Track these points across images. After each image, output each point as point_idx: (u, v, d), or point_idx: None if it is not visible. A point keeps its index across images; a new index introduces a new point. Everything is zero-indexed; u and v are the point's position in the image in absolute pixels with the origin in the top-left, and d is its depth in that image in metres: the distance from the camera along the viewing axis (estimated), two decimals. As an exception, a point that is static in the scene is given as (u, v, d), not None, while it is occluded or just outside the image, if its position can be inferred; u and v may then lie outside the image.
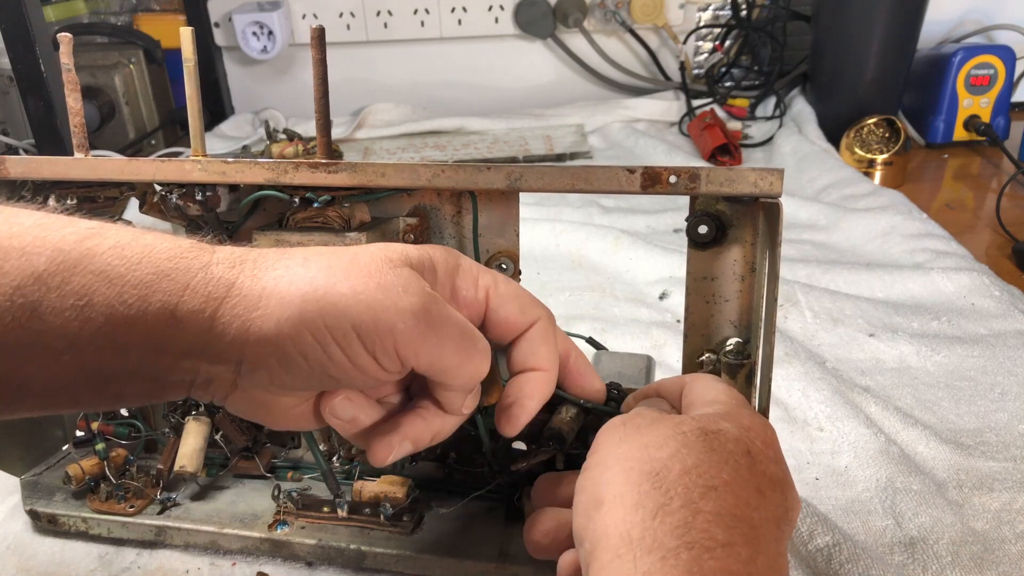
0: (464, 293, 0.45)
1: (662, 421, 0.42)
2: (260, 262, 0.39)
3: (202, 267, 0.38)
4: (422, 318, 0.39)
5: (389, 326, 0.38)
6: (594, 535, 0.38)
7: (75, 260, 0.36)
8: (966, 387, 0.77)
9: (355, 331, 0.38)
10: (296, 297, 0.38)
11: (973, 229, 1.17)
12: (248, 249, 0.40)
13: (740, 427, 0.41)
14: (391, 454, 0.44)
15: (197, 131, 0.53)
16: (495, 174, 0.49)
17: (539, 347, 0.47)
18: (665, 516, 0.36)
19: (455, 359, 0.41)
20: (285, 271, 0.39)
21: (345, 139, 1.67)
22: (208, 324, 0.37)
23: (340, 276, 0.39)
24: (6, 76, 1.44)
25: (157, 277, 0.37)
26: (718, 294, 0.53)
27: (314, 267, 0.39)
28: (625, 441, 0.41)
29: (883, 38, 1.44)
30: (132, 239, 0.38)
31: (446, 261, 0.44)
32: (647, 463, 0.38)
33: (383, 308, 0.38)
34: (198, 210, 0.53)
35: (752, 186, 0.46)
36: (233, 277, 0.38)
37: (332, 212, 0.51)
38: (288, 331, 0.38)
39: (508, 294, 0.46)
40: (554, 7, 1.77)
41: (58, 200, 0.56)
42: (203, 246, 0.40)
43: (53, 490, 0.63)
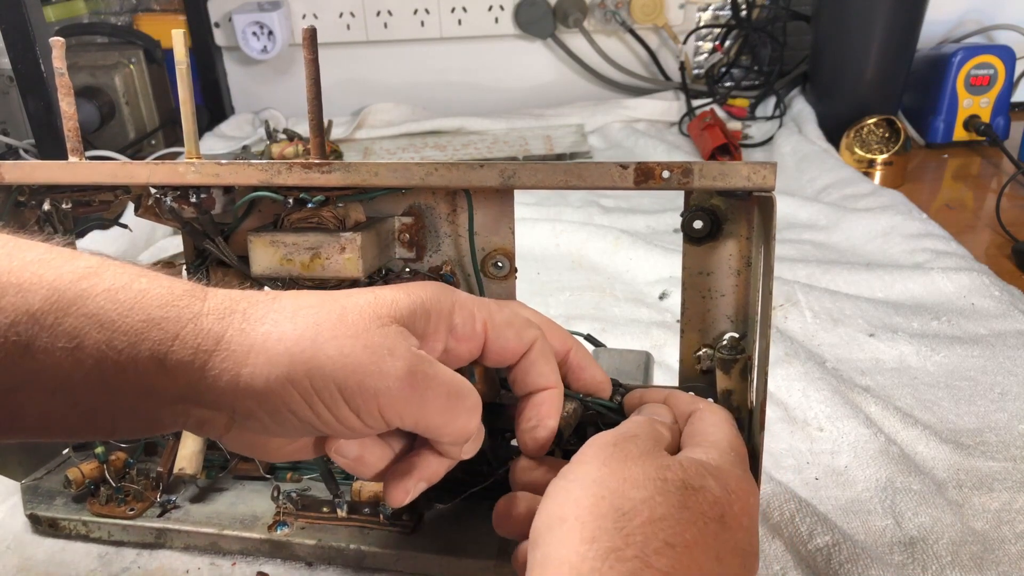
0: (461, 330, 0.45)
1: (650, 458, 0.41)
2: (250, 313, 0.40)
3: (192, 317, 0.38)
4: (407, 382, 0.40)
5: (374, 390, 0.39)
6: (547, 550, 0.38)
7: (69, 301, 0.37)
8: (966, 387, 0.77)
9: (340, 393, 0.39)
10: (283, 356, 0.38)
11: (973, 229, 1.17)
12: (240, 296, 0.41)
13: (724, 489, 0.41)
14: (407, 497, 0.45)
15: (191, 133, 0.53)
16: (488, 172, 0.48)
17: (543, 367, 0.48)
18: (616, 562, 0.36)
19: (441, 419, 0.42)
20: (273, 326, 0.39)
21: (345, 139, 1.67)
22: (198, 375, 0.38)
23: (327, 335, 0.39)
24: (6, 76, 1.44)
25: (147, 325, 0.37)
26: (714, 289, 0.53)
27: (302, 323, 0.39)
28: (608, 465, 0.41)
29: (883, 38, 1.44)
30: (127, 282, 0.38)
31: (439, 303, 0.44)
32: (619, 499, 0.38)
33: (368, 373, 0.39)
34: (193, 212, 0.53)
35: (745, 180, 0.46)
36: (222, 330, 0.39)
37: (327, 212, 0.51)
38: (276, 389, 0.38)
39: (504, 322, 0.46)
40: (554, 7, 1.77)
41: (53, 204, 0.56)
42: (195, 292, 0.40)
43: (53, 494, 0.63)
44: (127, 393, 0.38)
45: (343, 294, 0.42)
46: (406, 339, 0.41)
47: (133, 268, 0.40)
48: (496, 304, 0.47)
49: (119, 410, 0.39)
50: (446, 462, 0.46)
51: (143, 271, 0.40)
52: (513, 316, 0.47)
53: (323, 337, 0.39)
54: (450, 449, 0.45)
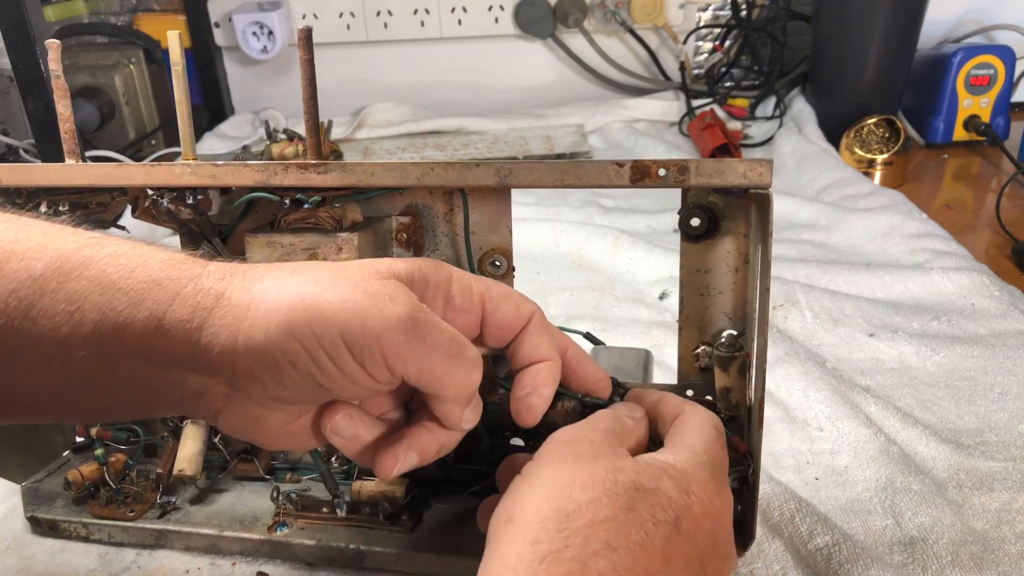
0: (459, 301, 0.45)
1: (603, 459, 0.41)
2: (249, 274, 0.40)
3: (192, 278, 0.39)
4: (409, 326, 0.39)
5: (376, 333, 0.39)
6: (492, 550, 0.38)
7: (72, 266, 0.37)
8: (966, 387, 0.77)
9: (343, 339, 0.38)
10: (284, 306, 0.38)
11: (973, 229, 1.16)
12: (239, 263, 0.41)
13: (682, 491, 0.40)
14: (397, 465, 0.44)
15: (187, 135, 0.53)
16: (485, 171, 0.48)
17: (540, 339, 0.48)
18: (551, 564, 0.35)
19: (444, 366, 0.41)
20: (274, 282, 0.39)
21: (345, 139, 1.67)
22: (196, 335, 0.38)
23: (327, 285, 0.39)
24: (6, 76, 1.44)
25: (148, 286, 0.38)
26: (712, 286, 0.53)
27: (302, 278, 0.40)
28: (559, 465, 0.41)
29: (883, 38, 1.44)
30: (129, 249, 0.39)
31: (437, 273, 0.44)
32: (565, 500, 0.38)
33: (370, 316, 0.38)
34: (190, 214, 0.53)
35: (741, 177, 0.46)
36: (222, 288, 0.39)
37: (323, 213, 0.51)
38: (276, 340, 0.38)
39: (502, 295, 0.47)
40: (554, 7, 1.77)
41: (49, 207, 0.56)
42: (197, 259, 0.40)
43: (53, 496, 0.63)
44: (124, 358, 0.38)
45: (340, 262, 0.43)
46: (405, 290, 0.41)
47: (136, 240, 0.41)
48: (494, 281, 0.48)
49: (115, 380, 0.38)
50: (438, 437, 0.45)
51: (145, 242, 0.40)
52: (511, 291, 0.48)
53: (323, 286, 0.39)
54: (451, 410, 0.44)
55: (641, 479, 0.40)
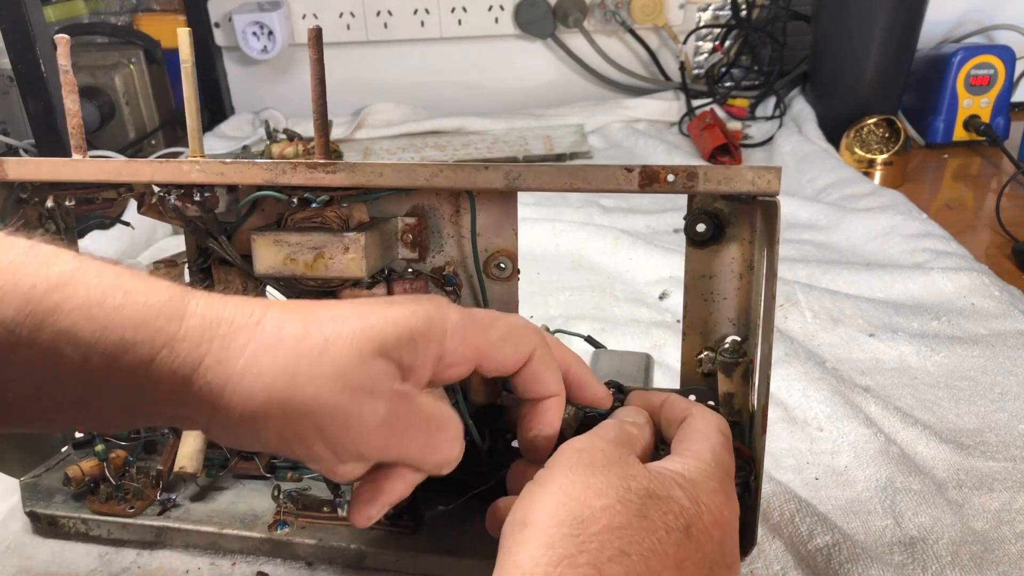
0: (452, 357, 0.44)
1: (616, 466, 0.41)
2: (229, 342, 0.38)
3: (167, 342, 0.37)
4: (387, 423, 0.40)
5: (353, 432, 0.39)
6: (507, 553, 0.39)
7: (43, 314, 0.36)
8: (966, 387, 0.77)
9: (318, 434, 0.38)
10: (260, 394, 0.38)
11: (973, 229, 1.17)
12: (220, 316, 0.39)
13: (694, 501, 0.41)
14: (370, 522, 0.46)
15: (195, 132, 0.53)
16: (493, 174, 0.49)
17: (544, 375, 0.48)
18: (567, 568, 0.36)
19: (421, 452, 0.42)
20: (252, 361, 0.38)
21: (345, 139, 1.67)
22: (177, 394, 0.38)
23: (306, 375, 0.38)
24: (6, 76, 1.44)
25: (121, 348, 0.37)
26: (716, 292, 0.53)
27: (281, 358, 0.38)
28: (573, 472, 0.41)
29: (883, 38, 1.44)
30: (100, 297, 0.37)
31: (430, 330, 0.42)
32: (579, 506, 0.39)
33: (347, 415, 0.38)
34: (196, 211, 0.53)
35: (750, 184, 0.46)
36: (198, 358, 0.38)
37: (330, 212, 0.51)
38: (251, 426, 0.38)
39: (500, 338, 0.46)
40: (554, 7, 1.77)
41: (56, 201, 0.56)
42: (173, 309, 0.38)
43: (53, 492, 0.63)
44: (107, 402, 0.38)
45: (329, 317, 0.41)
46: (389, 375, 0.40)
47: (110, 276, 0.39)
48: (492, 319, 0.46)
49: (103, 410, 0.39)
50: (413, 482, 0.46)
51: (119, 279, 0.39)
52: (510, 330, 0.46)
53: (302, 377, 0.38)
54: (428, 470, 0.45)
55: (653, 487, 0.40)
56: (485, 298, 0.56)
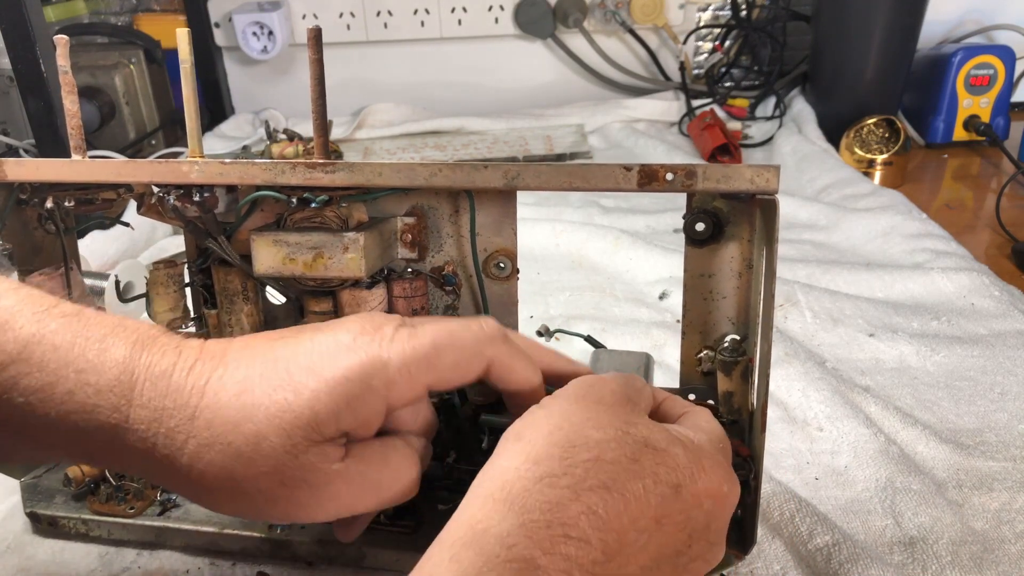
0: (400, 401, 0.43)
1: (622, 408, 0.42)
2: (172, 437, 0.40)
3: (120, 432, 0.40)
4: (330, 499, 0.42)
5: (302, 511, 0.42)
6: (496, 459, 0.40)
7: (5, 382, 0.38)
8: (966, 387, 0.77)
9: (272, 510, 0.41)
10: (212, 485, 0.40)
11: (973, 229, 1.17)
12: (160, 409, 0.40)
13: (694, 462, 0.40)
14: (354, 535, 0.49)
15: (194, 132, 0.53)
16: (492, 173, 0.49)
17: (511, 374, 0.46)
18: (546, 486, 0.36)
19: (373, 505, 0.45)
20: (194, 459, 0.40)
21: (345, 139, 1.67)
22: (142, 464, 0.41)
23: (243, 474, 0.40)
24: (6, 76, 1.44)
25: (78, 433, 0.40)
26: (716, 291, 0.53)
27: (218, 460, 0.40)
28: (578, 402, 0.42)
29: (883, 38, 1.44)
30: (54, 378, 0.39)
31: (367, 390, 0.41)
32: (575, 433, 0.39)
33: (289, 500, 0.41)
34: (196, 211, 0.53)
35: (748, 183, 0.46)
36: (150, 445, 0.40)
37: (330, 212, 0.51)
38: (210, 503, 0.42)
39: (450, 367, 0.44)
40: (554, 7, 1.77)
41: (55, 202, 0.56)
42: (120, 397, 0.40)
43: (53, 492, 0.63)
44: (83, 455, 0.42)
45: (266, 388, 0.40)
46: (324, 461, 0.41)
47: (64, 346, 0.39)
48: (438, 349, 0.43)
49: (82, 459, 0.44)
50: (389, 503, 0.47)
51: (72, 353, 0.39)
52: (459, 355, 0.44)
53: (240, 475, 0.40)
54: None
55: (653, 437, 0.40)
56: (484, 298, 0.56)
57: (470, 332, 0.45)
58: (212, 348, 0.42)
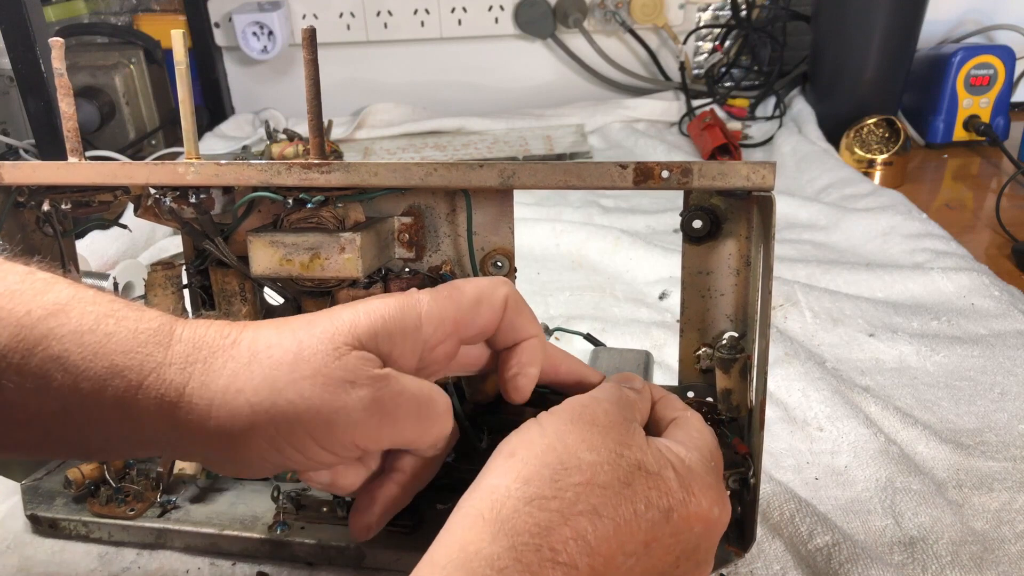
0: (435, 339, 0.45)
1: (616, 430, 0.42)
2: (211, 363, 0.39)
3: (155, 367, 0.39)
4: (374, 410, 0.40)
5: (342, 425, 0.39)
6: (487, 474, 0.39)
7: (35, 340, 0.37)
8: (966, 387, 0.77)
9: (309, 435, 0.39)
10: (244, 407, 0.38)
11: (973, 229, 1.17)
12: (204, 340, 0.40)
13: (684, 488, 0.40)
14: (371, 532, 0.47)
15: (190, 133, 0.53)
16: (488, 172, 0.48)
17: (516, 320, 0.47)
18: (536, 508, 0.36)
19: (415, 432, 0.43)
20: (232, 378, 0.39)
21: (345, 139, 1.67)
22: (166, 424, 0.39)
23: (285, 380, 0.39)
24: (6, 76, 1.44)
25: (111, 373, 0.38)
26: (713, 288, 0.53)
27: (258, 370, 0.39)
28: (573, 423, 0.41)
29: (883, 38, 1.44)
30: (93, 324, 0.39)
31: (403, 320, 0.43)
32: (568, 454, 0.39)
33: (332, 410, 0.39)
34: (192, 213, 0.53)
35: (744, 179, 0.46)
36: (183, 381, 0.39)
37: (326, 212, 0.51)
38: (242, 440, 0.39)
39: (473, 302, 0.46)
40: (554, 7, 1.77)
41: (52, 205, 0.56)
42: (161, 335, 0.40)
43: (53, 495, 0.63)
44: (99, 429, 0.39)
45: (302, 323, 0.41)
46: (366, 364, 0.40)
47: (104, 304, 0.40)
48: (459, 287, 0.46)
49: (96, 438, 0.39)
50: (409, 487, 0.47)
51: (113, 307, 0.40)
52: (479, 291, 0.46)
53: (281, 382, 0.39)
54: (427, 452, 0.46)
55: (647, 460, 0.40)
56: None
57: (486, 279, 0.48)
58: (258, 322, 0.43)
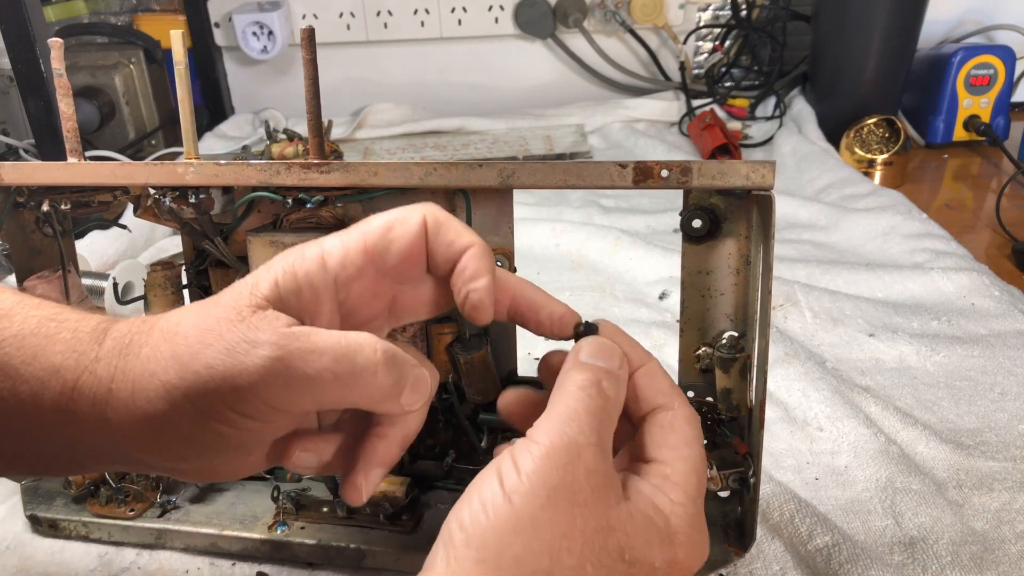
0: (345, 276, 0.40)
1: (598, 507, 0.36)
2: (128, 351, 0.38)
3: (89, 364, 0.38)
4: (279, 370, 0.36)
5: (248, 388, 0.36)
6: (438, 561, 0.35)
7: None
8: (966, 387, 0.77)
9: (223, 404, 0.36)
10: (160, 390, 0.37)
11: (973, 229, 1.17)
12: (129, 334, 0.39)
13: (669, 562, 0.37)
14: (363, 494, 0.42)
15: (189, 134, 0.53)
16: (487, 171, 0.48)
17: (444, 237, 0.41)
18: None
19: (337, 390, 0.37)
20: (146, 362, 0.37)
21: (345, 139, 1.67)
22: (100, 425, 0.37)
23: (190, 354, 0.36)
24: (6, 76, 1.44)
25: (49, 374, 0.37)
26: (713, 288, 0.53)
27: (167, 350, 0.37)
28: (552, 508, 0.35)
29: (883, 38, 1.44)
30: (35, 327, 0.38)
31: (304, 264, 0.39)
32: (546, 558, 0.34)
33: (234, 374, 0.36)
34: (192, 213, 0.53)
35: (744, 179, 0.46)
36: (110, 375, 0.37)
37: (325, 212, 0.51)
38: (167, 425, 0.37)
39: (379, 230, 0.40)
40: (554, 7, 1.77)
41: (52, 205, 0.56)
42: (99, 332, 0.39)
43: (53, 495, 0.63)
44: (34, 443, 0.38)
45: (213, 297, 0.39)
46: (271, 323, 0.37)
47: (47, 309, 0.39)
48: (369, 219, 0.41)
49: (39, 447, 0.39)
50: (395, 437, 0.42)
51: (56, 311, 0.39)
52: (390, 215, 0.41)
53: (187, 356, 0.36)
54: (384, 409, 0.40)
55: (633, 545, 0.36)
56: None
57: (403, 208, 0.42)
58: None
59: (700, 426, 0.42)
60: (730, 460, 0.52)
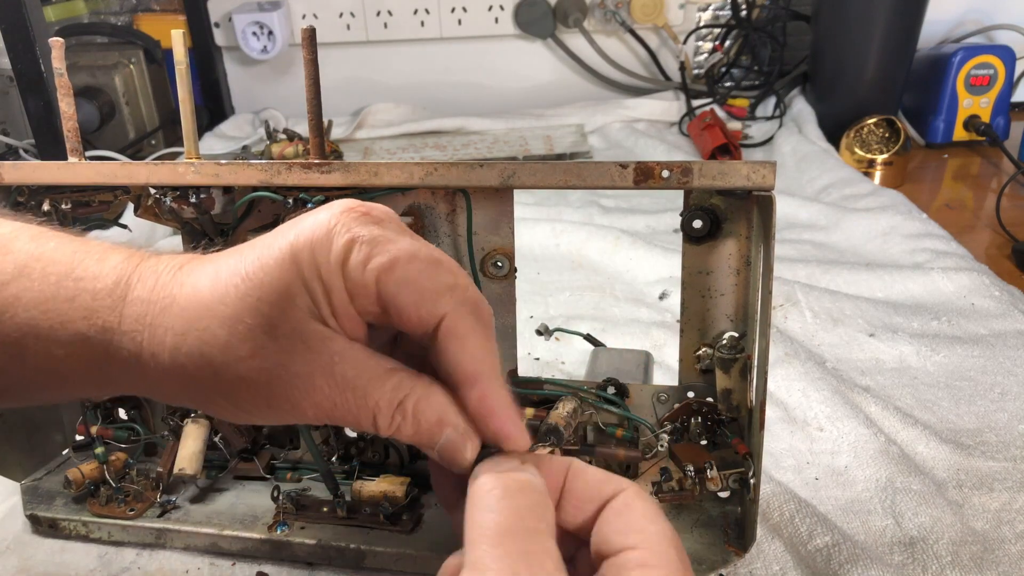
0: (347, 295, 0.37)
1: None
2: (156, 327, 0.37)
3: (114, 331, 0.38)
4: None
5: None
6: None
7: (3, 307, 0.38)
8: (966, 387, 0.77)
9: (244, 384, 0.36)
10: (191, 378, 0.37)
11: (973, 229, 1.17)
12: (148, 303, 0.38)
13: None
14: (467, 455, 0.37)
15: (190, 133, 0.53)
16: (488, 171, 0.48)
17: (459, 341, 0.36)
18: None
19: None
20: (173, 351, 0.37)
21: (345, 139, 1.67)
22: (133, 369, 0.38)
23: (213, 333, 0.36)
24: (6, 76, 1.44)
25: (80, 339, 0.38)
26: (713, 288, 0.53)
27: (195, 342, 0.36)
28: None
29: (883, 38, 1.44)
30: (55, 290, 0.38)
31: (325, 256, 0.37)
32: None
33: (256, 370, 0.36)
34: (192, 213, 0.53)
35: (744, 179, 0.46)
36: (139, 344, 0.37)
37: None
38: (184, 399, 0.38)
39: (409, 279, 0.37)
40: (554, 7, 1.77)
41: (52, 204, 0.56)
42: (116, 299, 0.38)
43: (53, 495, 0.63)
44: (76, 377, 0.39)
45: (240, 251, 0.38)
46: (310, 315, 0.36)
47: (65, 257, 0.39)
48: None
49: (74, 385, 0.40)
50: None
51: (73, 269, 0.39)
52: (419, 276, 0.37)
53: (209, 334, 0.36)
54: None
55: None
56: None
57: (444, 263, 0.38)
58: (211, 254, 0.39)
59: (654, 499, 0.38)
60: (730, 460, 0.53)
